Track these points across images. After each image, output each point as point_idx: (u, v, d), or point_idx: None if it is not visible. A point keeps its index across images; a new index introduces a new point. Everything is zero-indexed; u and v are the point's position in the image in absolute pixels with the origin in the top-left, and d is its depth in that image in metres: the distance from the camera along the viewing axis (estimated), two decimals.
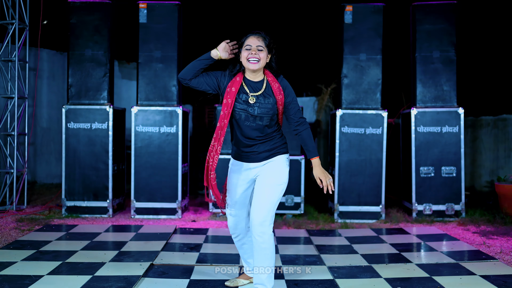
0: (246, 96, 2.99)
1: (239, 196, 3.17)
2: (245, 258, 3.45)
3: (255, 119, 2.99)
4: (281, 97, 3.01)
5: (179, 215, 6.03)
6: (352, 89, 6.12)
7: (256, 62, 2.93)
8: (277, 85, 3.02)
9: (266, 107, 2.99)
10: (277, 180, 3.04)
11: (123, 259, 4.07)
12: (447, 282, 3.53)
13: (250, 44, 2.94)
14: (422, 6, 6.16)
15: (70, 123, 6.05)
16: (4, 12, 6.51)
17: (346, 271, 3.84)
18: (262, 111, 2.98)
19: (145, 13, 6.09)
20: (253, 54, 2.91)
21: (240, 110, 2.99)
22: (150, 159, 6.01)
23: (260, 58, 2.94)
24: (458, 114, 6.08)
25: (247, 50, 2.94)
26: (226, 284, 3.44)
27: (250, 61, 2.93)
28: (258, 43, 2.94)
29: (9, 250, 4.30)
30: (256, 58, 2.92)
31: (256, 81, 3.05)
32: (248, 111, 2.98)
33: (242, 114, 2.99)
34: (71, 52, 6.12)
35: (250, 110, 2.97)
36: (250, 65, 2.95)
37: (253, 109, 2.98)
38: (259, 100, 2.99)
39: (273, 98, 3.01)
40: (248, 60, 2.94)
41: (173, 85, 6.12)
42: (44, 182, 8.81)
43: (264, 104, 2.99)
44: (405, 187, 6.50)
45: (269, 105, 2.99)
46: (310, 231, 5.30)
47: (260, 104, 2.98)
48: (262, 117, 2.99)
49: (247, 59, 2.94)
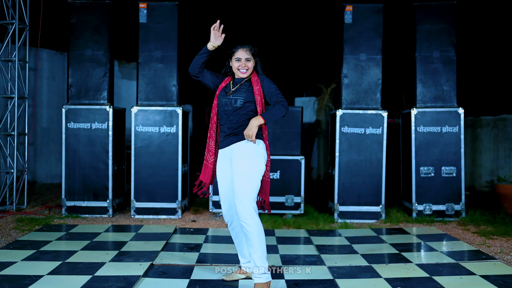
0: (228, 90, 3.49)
1: (223, 181, 3.47)
2: (241, 249, 3.58)
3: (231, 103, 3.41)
4: (258, 87, 3.43)
5: (179, 215, 6.03)
6: (352, 89, 6.12)
7: (245, 72, 3.46)
8: (256, 78, 3.50)
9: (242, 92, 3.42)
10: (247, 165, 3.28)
11: (123, 259, 4.07)
12: (447, 282, 3.53)
13: (240, 56, 3.44)
14: (422, 6, 6.17)
15: (70, 123, 6.05)
16: (4, 12, 6.51)
17: (346, 271, 3.84)
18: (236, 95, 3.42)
19: (145, 13, 6.09)
20: (242, 66, 3.44)
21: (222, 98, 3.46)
22: (150, 159, 6.01)
23: (248, 68, 3.46)
24: (458, 114, 6.08)
25: (237, 61, 3.45)
26: (223, 278, 3.56)
27: (241, 71, 3.45)
28: (246, 56, 3.44)
29: (9, 250, 4.30)
30: (245, 68, 3.44)
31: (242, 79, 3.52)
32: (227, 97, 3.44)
33: (222, 100, 3.45)
34: (71, 52, 6.12)
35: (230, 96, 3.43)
36: (241, 74, 3.46)
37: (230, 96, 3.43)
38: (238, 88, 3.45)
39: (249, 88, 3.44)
40: (238, 70, 3.46)
41: (173, 85, 6.12)
42: (44, 182, 8.81)
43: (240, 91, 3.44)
44: (405, 187, 6.50)
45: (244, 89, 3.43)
46: (310, 231, 5.29)
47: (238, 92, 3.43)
48: (237, 99, 3.41)
49: (237, 69, 3.46)
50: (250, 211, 3.21)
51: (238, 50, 3.44)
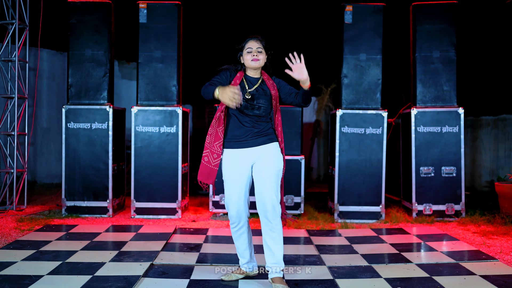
0: (244, 91, 3.39)
1: (236, 182, 3.37)
2: (242, 251, 3.53)
3: (253, 108, 3.37)
4: (274, 91, 3.44)
5: (179, 215, 6.03)
6: (352, 89, 6.12)
7: (257, 61, 3.40)
8: (271, 81, 3.48)
9: (263, 99, 3.40)
10: (278, 165, 3.37)
11: (123, 259, 4.07)
12: (447, 282, 3.53)
13: (251, 47, 3.41)
14: (422, 6, 6.17)
15: (70, 123, 6.05)
16: (4, 12, 6.51)
17: (346, 271, 3.84)
18: (259, 102, 3.38)
19: (145, 13, 6.09)
20: (254, 55, 3.40)
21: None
22: (150, 159, 6.01)
23: (260, 58, 3.41)
24: (458, 114, 6.08)
25: (249, 53, 3.41)
26: (222, 278, 3.54)
27: (253, 60, 3.39)
28: (258, 46, 3.42)
29: (9, 250, 4.30)
30: (257, 58, 3.40)
31: (255, 77, 3.48)
32: (247, 101, 3.35)
33: (242, 103, 3.32)
34: (71, 52, 6.12)
35: (249, 101, 3.36)
36: (252, 63, 3.39)
37: (251, 100, 3.37)
38: (257, 93, 3.41)
39: (268, 92, 3.44)
40: (251, 60, 3.40)
41: (173, 85, 6.12)
42: (44, 182, 8.81)
43: (261, 96, 3.40)
44: (405, 187, 6.51)
45: (266, 96, 3.42)
46: (310, 231, 5.29)
47: (258, 95, 3.39)
48: (260, 106, 3.39)
49: (251, 60, 3.39)
50: (279, 210, 3.35)
51: (248, 42, 3.42)
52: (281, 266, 3.39)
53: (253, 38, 3.44)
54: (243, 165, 3.36)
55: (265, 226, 3.35)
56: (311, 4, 8.80)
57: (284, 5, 8.92)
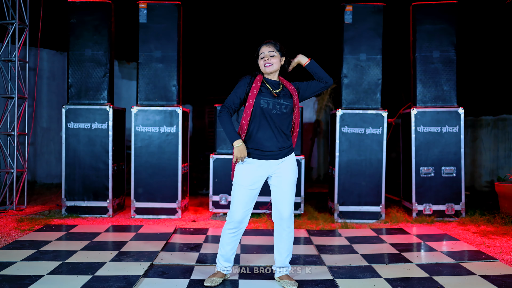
0: (269, 91, 3.42)
1: (249, 188, 3.40)
2: (230, 255, 3.54)
3: (281, 107, 3.38)
4: (296, 97, 3.46)
5: (179, 215, 6.03)
6: (352, 89, 6.12)
7: (270, 65, 3.42)
8: (292, 87, 3.50)
9: (287, 98, 3.43)
10: (294, 176, 3.49)
11: (123, 259, 4.07)
12: (447, 282, 3.53)
13: (263, 51, 3.44)
14: (422, 6, 6.17)
15: (70, 123, 6.05)
16: (4, 12, 6.51)
17: (346, 271, 3.84)
18: (286, 101, 3.41)
19: (145, 13, 6.09)
20: (266, 60, 3.42)
21: (265, 100, 3.37)
22: (150, 159, 6.01)
23: (272, 62, 3.42)
24: (458, 114, 6.08)
25: (261, 59, 3.45)
26: (206, 285, 3.46)
27: (266, 65, 3.43)
28: (270, 49, 3.43)
29: (9, 250, 4.30)
30: (269, 62, 3.42)
31: (274, 80, 3.50)
32: (274, 100, 3.38)
33: (270, 102, 3.37)
34: (71, 52, 6.12)
35: (276, 99, 3.39)
36: (265, 68, 3.43)
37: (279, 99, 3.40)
38: (282, 93, 3.45)
39: (290, 95, 3.46)
40: (264, 66, 3.44)
41: (173, 85, 6.12)
42: (44, 182, 8.81)
43: (286, 96, 3.44)
44: (405, 187, 6.51)
45: (289, 99, 3.44)
46: (310, 231, 5.29)
47: (283, 95, 3.43)
48: (287, 105, 3.40)
49: (263, 65, 3.43)
50: (293, 217, 3.52)
51: (261, 47, 3.47)
52: (288, 268, 3.57)
53: (266, 43, 3.47)
54: (261, 175, 3.42)
55: (279, 232, 3.50)
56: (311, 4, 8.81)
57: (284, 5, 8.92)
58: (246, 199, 3.40)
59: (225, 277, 3.58)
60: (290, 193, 3.45)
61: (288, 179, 3.43)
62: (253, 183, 3.39)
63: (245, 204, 3.41)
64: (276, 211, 3.46)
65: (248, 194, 3.40)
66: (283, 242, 3.49)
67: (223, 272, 3.57)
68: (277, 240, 3.52)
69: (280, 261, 3.53)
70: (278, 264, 3.54)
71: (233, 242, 3.50)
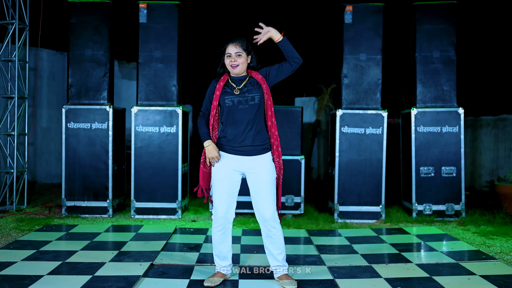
0: (232, 88, 3.42)
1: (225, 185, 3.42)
2: (225, 253, 3.54)
3: (247, 100, 3.38)
4: (265, 86, 3.42)
5: (179, 215, 6.03)
6: (352, 89, 6.12)
7: (236, 66, 3.40)
8: (260, 76, 3.46)
9: (254, 90, 3.40)
10: (271, 176, 3.44)
11: (123, 259, 4.07)
12: (447, 282, 3.53)
13: (230, 52, 3.40)
14: (422, 6, 6.17)
15: (70, 123, 6.05)
16: (4, 12, 6.51)
17: (346, 271, 3.84)
18: (251, 93, 3.39)
19: (145, 13, 6.09)
20: (232, 61, 3.39)
21: (230, 98, 3.39)
22: (150, 159, 6.01)
23: (239, 63, 3.39)
24: (458, 114, 6.08)
25: (228, 57, 3.41)
26: (205, 285, 3.46)
27: (232, 66, 3.40)
28: (236, 50, 3.39)
29: (9, 250, 4.30)
30: (235, 64, 3.39)
31: (240, 76, 3.47)
32: (239, 96, 3.38)
33: (234, 99, 3.38)
34: (71, 52, 6.12)
35: (240, 96, 3.38)
36: (232, 69, 3.42)
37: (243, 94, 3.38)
38: (246, 88, 3.41)
39: (258, 85, 3.42)
40: (230, 66, 3.41)
41: (173, 85, 6.12)
42: (44, 182, 8.81)
43: (252, 88, 3.41)
44: (405, 187, 6.50)
45: (256, 87, 3.41)
46: (310, 231, 5.29)
47: (247, 89, 3.40)
48: (254, 97, 3.38)
49: (229, 65, 3.41)
50: (277, 216, 3.47)
51: (228, 46, 3.42)
52: (285, 266, 3.54)
53: (233, 41, 3.42)
54: (235, 170, 3.43)
55: (265, 233, 3.47)
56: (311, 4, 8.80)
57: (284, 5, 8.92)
58: (225, 194, 3.42)
59: (225, 277, 3.58)
60: (269, 193, 3.41)
61: (264, 179, 3.40)
62: (228, 177, 3.41)
63: (224, 199, 3.43)
64: (258, 213, 3.44)
65: (225, 189, 3.42)
66: (272, 242, 3.46)
67: (223, 272, 3.57)
68: (266, 241, 3.49)
69: (274, 259, 3.50)
70: (273, 264, 3.52)
71: (224, 240, 3.51)
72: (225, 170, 3.43)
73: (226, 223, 3.48)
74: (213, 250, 3.57)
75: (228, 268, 3.58)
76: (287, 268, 3.54)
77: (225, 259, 3.56)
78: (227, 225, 3.50)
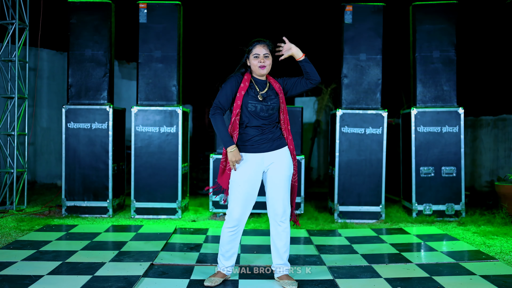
0: (257, 93, 3.42)
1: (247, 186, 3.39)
2: (231, 254, 3.52)
3: (268, 109, 3.41)
4: (281, 95, 3.47)
5: (179, 215, 6.03)
6: (352, 89, 6.12)
7: (264, 68, 3.40)
8: (278, 85, 3.50)
9: (274, 100, 3.44)
10: (289, 171, 3.46)
11: (123, 259, 4.07)
12: (447, 282, 3.53)
13: (258, 52, 3.40)
14: (422, 6, 6.17)
15: (70, 123, 6.05)
16: (4, 12, 6.51)
17: (346, 271, 3.84)
18: (272, 102, 3.43)
19: (145, 13, 6.09)
20: (261, 62, 3.39)
21: (253, 104, 3.39)
22: (150, 159, 6.01)
23: (266, 65, 3.41)
24: (458, 114, 6.08)
25: (256, 58, 3.40)
26: (206, 284, 3.46)
27: (260, 68, 3.40)
28: (265, 51, 3.41)
29: (9, 250, 4.30)
30: (264, 65, 3.40)
31: (262, 79, 3.49)
32: (261, 103, 3.39)
33: (257, 106, 3.39)
34: (71, 52, 6.12)
35: (263, 102, 3.40)
36: (260, 70, 3.40)
37: (265, 101, 3.41)
38: (268, 95, 3.43)
39: (276, 94, 3.47)
40: (258, 67, 3.40)
41: (173, 85, 6.12)
42: (44, 182, 8.81)
43: (272, 96, 3.45)
44: (405, 187, 6.51)
45: (275, 98, 3.45)
46: (310, 231, 5.29)
47: (269, 97, 3.43)
48: (274, 106, 3.43)
49: (258, 66, 3.40)
50: (288, 214, 3.47)
51: (255, 47, 3.40)
52: (287, 266, 3.53)
53: (261, 42, 3.42)
54: (257, 170, 3.41)
55: (274, 228, 3.47)
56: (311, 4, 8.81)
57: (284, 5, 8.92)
58: (244, 196, 3.39)
59: (226, 277, 3.57)
60: (284, 188, 3.42)
61: (282, 174, 3.41)
62: (250, 179, 3.39)
63: (243, 202, 3.39)
64: (271, 207, 3.44)
65: (245, 191, 3.39)
66: (280, 238, 3.44)
67: (224, 272, 3.56)
68: (273, 237, 3.48)
69: (278, 257, 3.48)
70: (276, 262, 3.50)
71: (232, 241, 3.48)
72: (246, 173, 3.39)
73: (239, 226, 3.45)
74: (219, 249, 3.54)
75: (230, 269, 3.57)
76: (288, 268, 3.54)
77: (229, 260, 3.54)
78: (240, 227, 3.47)
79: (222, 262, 3.55)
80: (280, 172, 3.41)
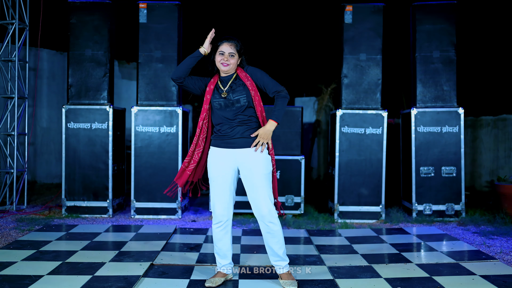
0: (221, 90, 3.45)
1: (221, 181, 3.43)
2: (224, 251, 3.54)
3: (233, 104, 3.39)
4: (250, 82, 3.43)
5: (179, 215, 6.03)
6: (352, 89, 6.12)
7: (227, 65, 3.41)
8: (244, 73, 3.48)
9: (239, 91, 3.41)
10: (265, 169, 3.41)
11: (123, 259, 4.07)
12: (447, 282, 3.53)
13: (223, 50, 3.42)
14: (422, 6, 6.17)
15: (70, 123, 6.05)
16: (4, 12, 6.51)
17: (346, 271, 3.84)
18: (236, 95, 3.40)
19: (145, 13, 6.09)
20: (225, 60, 3.40)
21: (217, 101, 3.42)
22: (150, 159, 6.01)
23: (230, 63, 3.42)
24: (458, 114, 6.08)
25: (220, 55, 3.42)
26: (207, 285, 3.45)
27: (222, 65, 3.42)
28: (230, 50, 3.42)
29: (9, 250, 4.30)
30: (227, 63, 3.41)
31: (227, 75, 3.50)
32: (225, 100, 3.40)
33: (221, 103, 3.41)
34: (71, 52, 6.12)
35: (226, 99, 3.40)
36: (222, 67, 3.43)
37: (228, 96, 3.41)
38: (232, 89, 3.43)
39: (243, 84, 3.44)
40: (220, 64, 3.42)
41: (173, 85, 6.12)
42: (44, 182, 8.81)
43: (236, 89, 3.42)
44: (405, 187, 6.51)
45: (240, 87, 3.43)
46: (310, 231, 5.29)
47: (232, 90, 3.42)
48: (240, 99, 3.39)
49: (220, 62, 3.42)
50: (275, 211, 3.42)
51: (223, 44, 3.43)
52: (286, 261, 3.50)
53: (229, 40, 3.44)
54: (228, 165, 3.43)
55: (264, 229, 3.45)
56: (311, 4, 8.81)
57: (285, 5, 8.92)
58: (220, 191, 3.44)
59: (226, 277, 3.57)
60: (264, 188, 3.38)
61: (259, 173, 3.37)
62: (222, 174, 3.42)
63: (221, 197, 3.44)
64: (255, 209, 3.41)
65: (220, 186, 3.43)
66: (272, 237, 3.42)
67: (224, 272, 3.56)
68: (266, 237, 3.46)
69: (275, 255, 3.47)
70: (274, 259, 3.49)
71: (223, 238, 3.50)
72: (218, 167, 3.44)
73: (224, 222, 3.47)
74: (214, 247, 3.57)
75: (228, 267, 3.57)
76: (288, 262, 3.51)
77: (225, 257, 3.55)
78: (226, 222, 3.49)
79: (218, 260, 3.58)
80: (256, 171, 3.37)
